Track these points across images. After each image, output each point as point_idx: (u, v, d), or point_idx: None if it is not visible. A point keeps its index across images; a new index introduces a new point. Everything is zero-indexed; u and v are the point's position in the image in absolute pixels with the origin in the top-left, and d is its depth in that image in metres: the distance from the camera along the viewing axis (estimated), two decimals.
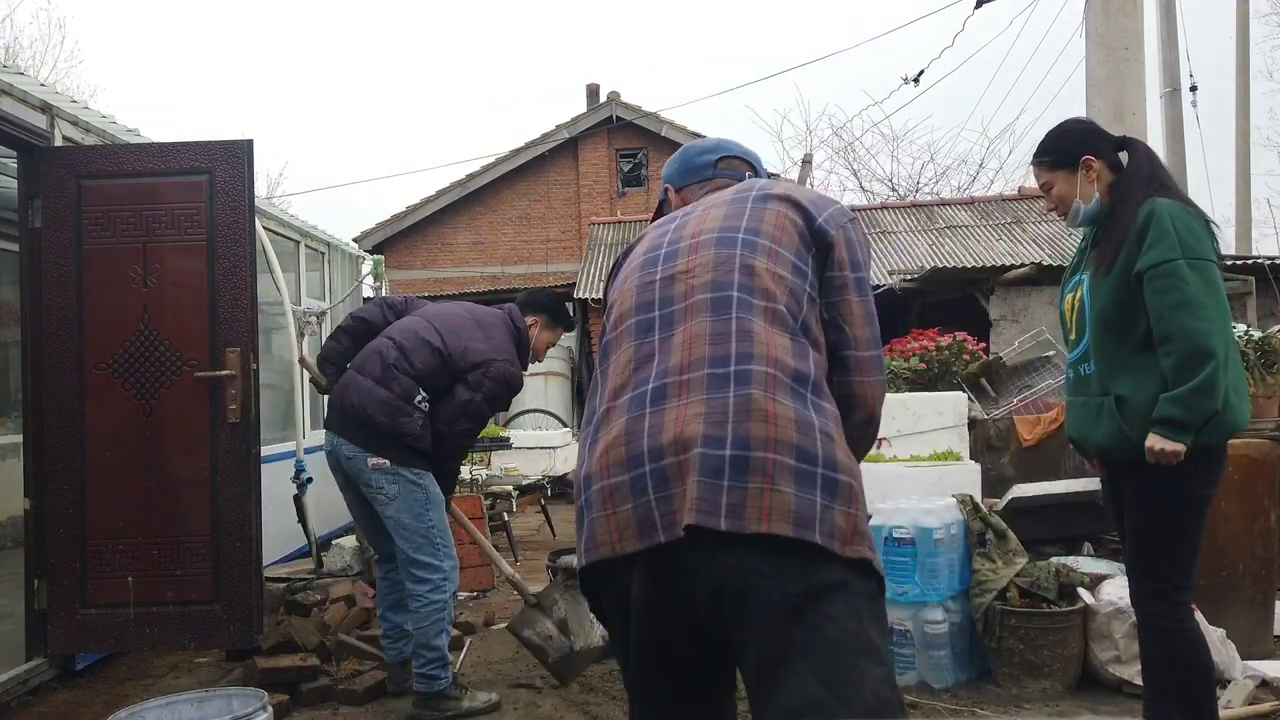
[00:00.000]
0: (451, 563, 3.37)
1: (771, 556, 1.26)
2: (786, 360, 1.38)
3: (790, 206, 1.56)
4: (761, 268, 1.47)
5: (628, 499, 1.35)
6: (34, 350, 3.72)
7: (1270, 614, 3.65)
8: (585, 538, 1.40)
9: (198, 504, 3.67)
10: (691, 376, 1.38)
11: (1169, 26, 12.28)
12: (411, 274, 16.08)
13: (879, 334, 1.57)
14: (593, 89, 17.88)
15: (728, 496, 1.26)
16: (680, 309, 1.48)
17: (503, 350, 3.42)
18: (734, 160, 1.87)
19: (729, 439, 1.30)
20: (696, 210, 1.65)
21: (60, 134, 3.84)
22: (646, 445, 1.35)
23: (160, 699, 2.61)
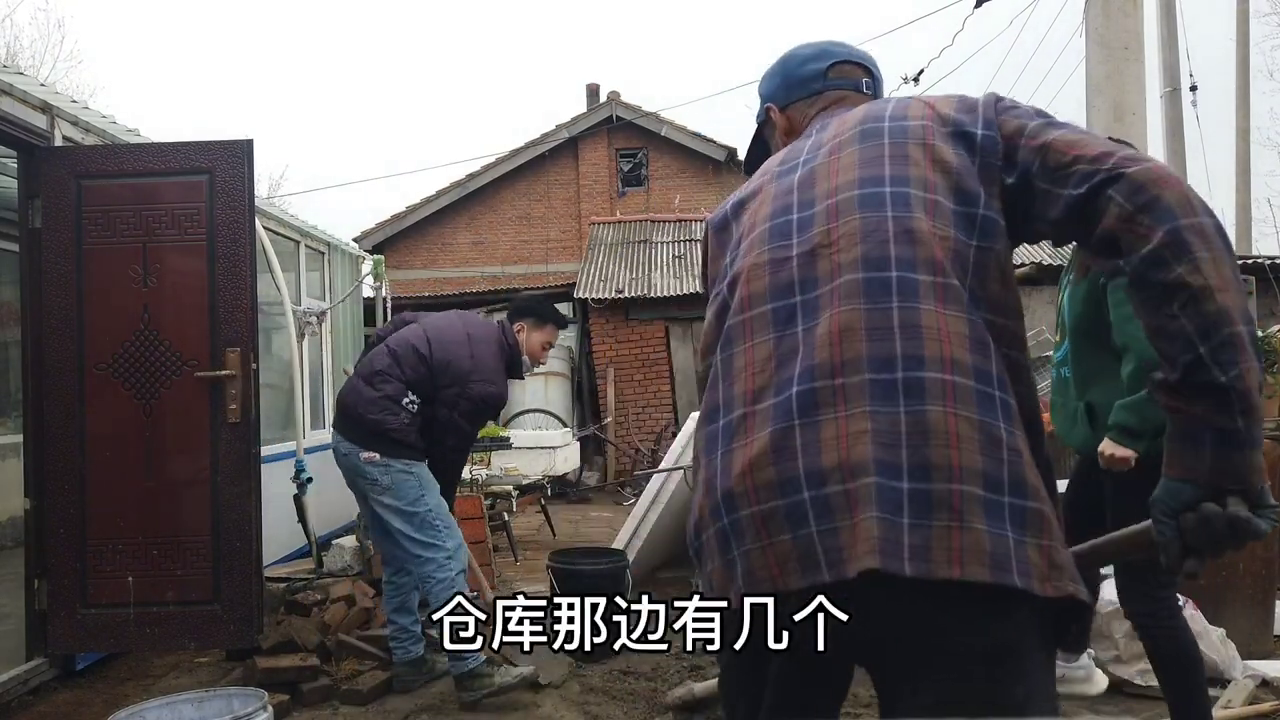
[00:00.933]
0: (455, 541, 3.47)
1: (960, 604, 1.10)
2: (964, 357, 1.16)
3: (938, 131, 1.29)
4: (923, 229, 1.22)
5: (784, 529, 1.17)
6: (34, 350, 3.72)
7: (1270, 614, 3.65)
8: (742, 571, 1.22)
9: (198, 504, 3.67)
10: (848, 381, 1.17)
11: (1169, 26, 12.28)
12: (411, 274, 16.08)
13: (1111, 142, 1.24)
14: (593, 89, 17.88)
15: (910, 536, 1.09)
16: (826, 292, 1.24)
17: (485, 369, 3.52)
18: (846, 66, 1.58)
19: (904, 467, 1.12)
20: (821, 152, 1.37)
21: (60, 134, 3.84)
22: (803, 467, 1.17)
23: (160, 699, 2.61)
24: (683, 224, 13.23)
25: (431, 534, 3.42)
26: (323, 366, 6.83)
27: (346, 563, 4.73)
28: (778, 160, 1.46)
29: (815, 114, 1.54)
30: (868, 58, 1.60)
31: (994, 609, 1.10)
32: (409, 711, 3.37)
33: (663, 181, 16.73)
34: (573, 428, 10.38)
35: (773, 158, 1.51)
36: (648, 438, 10.73)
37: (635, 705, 3.39)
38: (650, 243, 12.63)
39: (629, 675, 3.70)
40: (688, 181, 16.62)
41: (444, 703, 3.46)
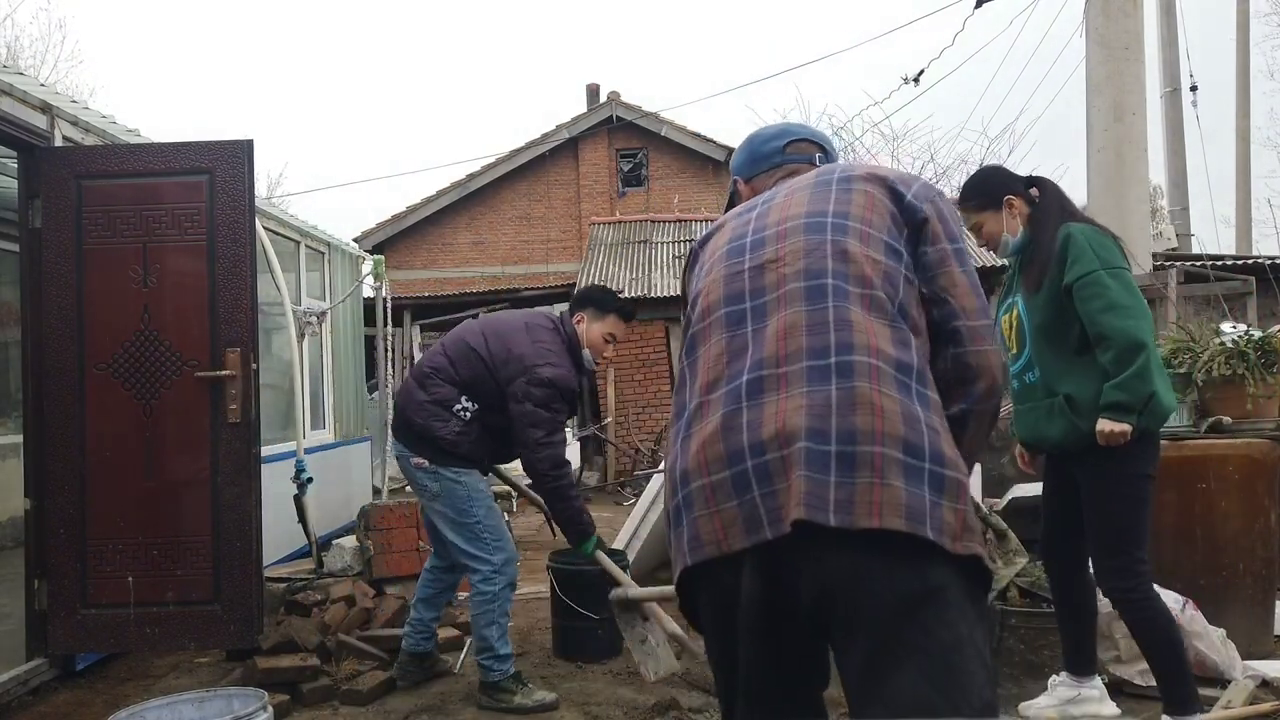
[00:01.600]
0: (504, 556, 3.37)
1: (881, 554, 1.23)
2: (888, 349, 1.34)
3: (877, 186, 1.52)
4: (855, 251, 1.43)
5: (730, 496, 1.31)
6: (34, 350, 3.72)
7: (1270, 614, 3.65)
8: (688, 537, 1.36)
9: (198, 504, 3.67)
10: (790, 369, 1.34)
11: (1169, 26, 12.28)
12: (412, 274, 16.09)
13: (986, 304, 1.51)
14: (593, 89, 17.88)
15: (836, 492, 1.23)
16: (773, 299, 1.43)
17: (547, 354, 3.32)
18: (802, 144, 1.80)
19: (834, 432, 1.26)
20: (778, 196, 1.59)
21: (60, 134, 3.84)
22: (747, 440, 1.32)
23: (161, 699, 2.61)
24: (683, 224, 13.23)
25: (479, 546, 3.35)
26: (323, 367, 6.83)
27: (346, 563, 4.74)
28: (741, 208, 1.68)
29: (774, 183, 1.74)
30: (822, 136, 1.85)
31: (911, 560, 1.23)
32: (409, 711, 3.37)
33: (663, 181, 16.73)
34: (573, 428, 10.39)
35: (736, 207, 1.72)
36: (648, 438, 10.73)
37: (635, 706, 3.39)
38: (650, 243, 12.63)
39: (630, 675, 3.70)
40: (688, 181, 16.63)
41: (444, 703, 3.46)
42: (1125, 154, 5.61)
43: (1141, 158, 5.81)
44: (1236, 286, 9.44)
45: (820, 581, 1.26)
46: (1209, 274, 8.85)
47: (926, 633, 1.22)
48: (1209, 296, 8.00)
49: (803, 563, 1.27)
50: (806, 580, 1.27)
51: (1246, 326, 4.35)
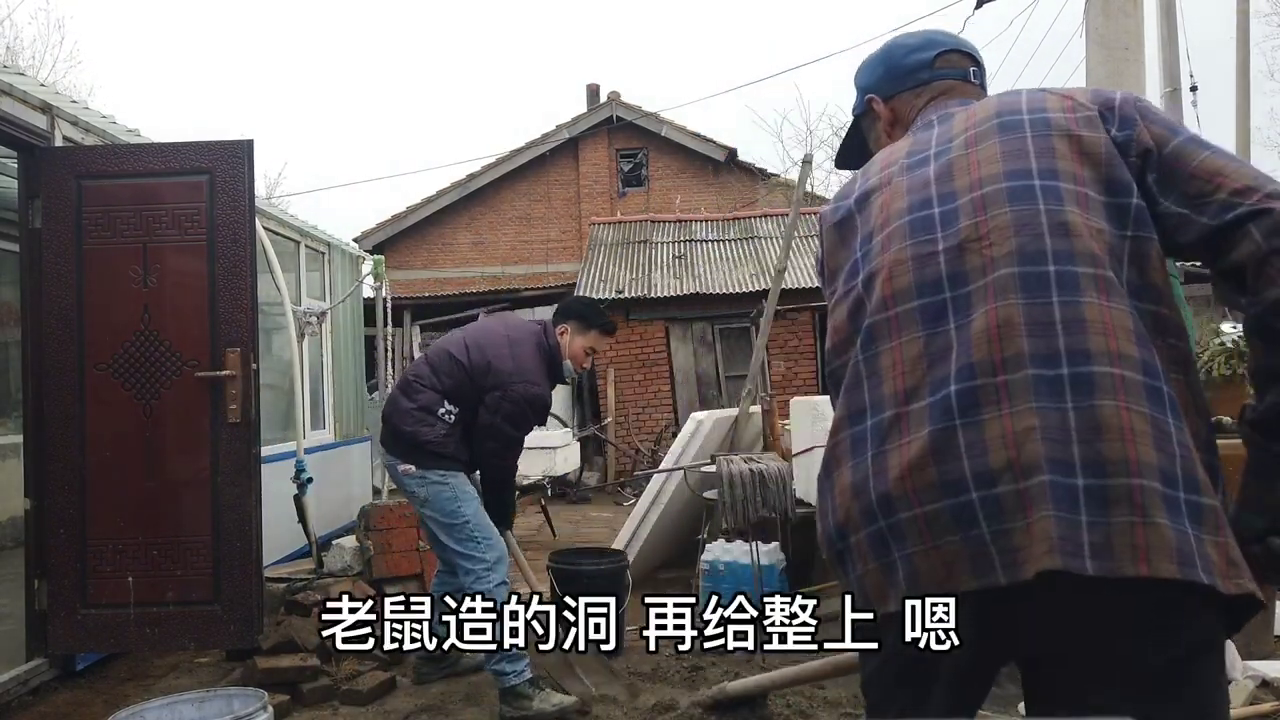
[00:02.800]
0: (495, 553, 3.43)
1: (1137, 605, 1.07)
2: (1130, 350, 1.13)
3: (1080, 124, 1.27)
4: (1078, 222, 1.19)
5: (952, 530, 1.13)
6: (34, 350, 3.72)
7: (1270, 614, 3.65)
8: (905, 574, 1.18)
9: (198, 504, 3.67)
10: (1011, 378, 1.13)
11: (1169, 26, 12.27)
12: (412, 274, 16.09)
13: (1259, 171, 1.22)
14: (593, 89, 17.88)
15: (1089, 534, 1.05)
16: (979, 287, 1.20)
17: (526, 371, 3.43)
18: (953, 55, 1.53)
19: (1077, 463, 1.08)
20: (955, 144, 1.33)
21: (60, 134, 3.84)
22: (969, 468, 1.13)
23: (161, 699, 2.61)
24: (683, 224, 13.23)
25: (470, 546, 3.39)
26: (323, 367, 6.84)
27: (346, 563, 4.73)
28: (903, 152, 1.40)
29: (923, 104, 1.50)
30: (973, 47, 1.56)
31: (1180, 607, 1.07)
32: (409, 711, 3.37)
33: (663, 182, 16.73)
34: (573, 428, 10.39)
35: (893, 149, 1.44)
36: (648, 438, 10.73)
37: (635, 706, 3.39)
38: (650, 243, 12.64)
39: (630, 675, 3.70)
40: (688, 181, 16.63)
41: (444, 702, 3.46)
42: None
43: None
44: None
45: (1062, 630, 1.11)
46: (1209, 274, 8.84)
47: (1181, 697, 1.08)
48: (1209, 296, 7.99)
49: (1038, 611, 1.10)
50: (1040, 630, 1.12)
51: None
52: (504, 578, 3.43)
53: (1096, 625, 1.09)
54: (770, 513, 4.32)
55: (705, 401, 10.68)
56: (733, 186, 16.59)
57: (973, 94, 1.50)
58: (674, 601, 1.58)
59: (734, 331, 11.01)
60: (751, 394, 5.94)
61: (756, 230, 12.72)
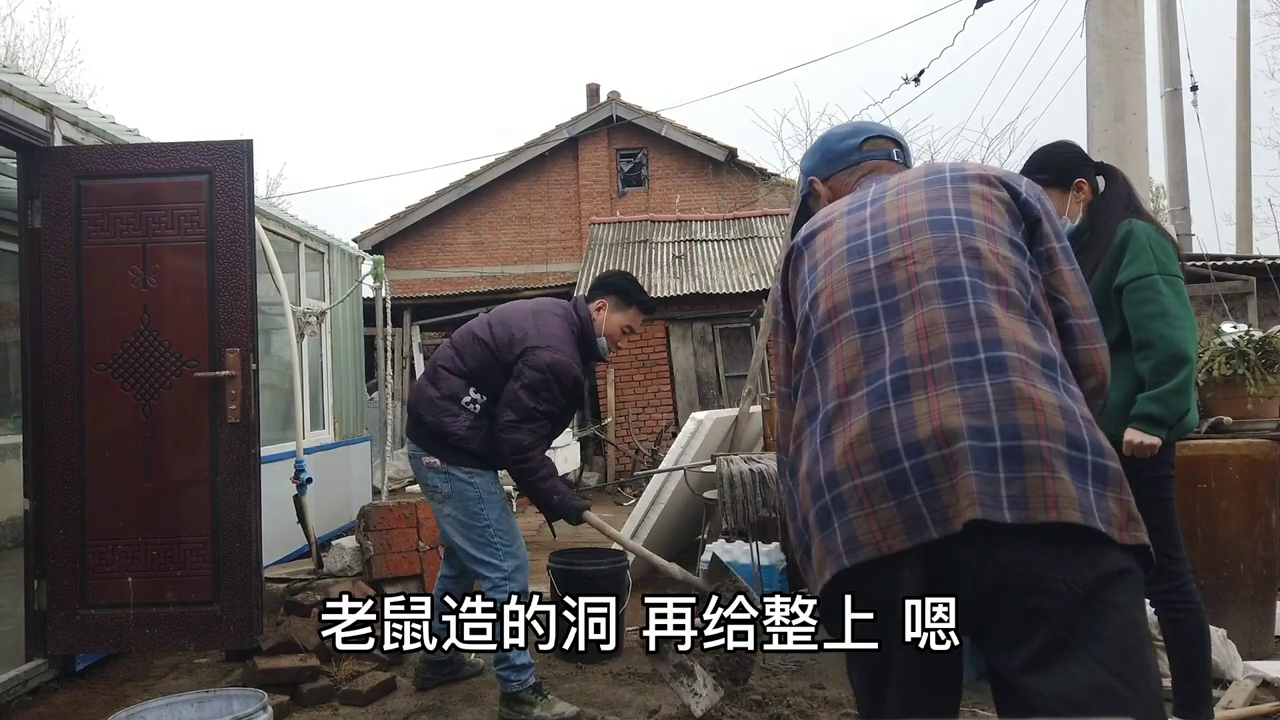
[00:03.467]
0: (514, 561, 3.25)
1: (1054, 548, 1.23)
2: (1032, 344, 1.36)
3: (990, 184, 1.53)
4: (985, 249, 1.44)
5: (887, 496, 1.30)
6: (34, 350, 3.72)
7: (1271, 614, 3.65)
8: (843, 538, 1.33)
9: (198, 504, 3.67)
10: (936, 367, 1.34)
11: (1169, 26, 12.26)
12: (411, 274, 16.08)
13: (1093, 303, 1.54)
14: (593, 89, 17.88)
15: (1007, 489, 1.23)
16: (906, 297, 1.43)
17: (550, 337, 3.19)
18: (878, 140, 1.80)
19: (996, 429, 1.27)
20: (888, 194, 1.59)
21: (60, 134, 3.84)
22: (901, 440, 1.31)
23: (160, 699, 2.60)
24: (683, 224, 13.23)
25: (489, 552, 3.22)
26: (323, 367, 6.83)
27: (346, 563, 4.73)
28: (844, 203, 1.65)
29: (855, 180, 1.75)
30: (896, 132, 1.83)
31: (1083, 550, 1.23)
32: (409, 712, 3.37)
33: (663, 181, 16.72)
34: (573, 428, 10.38)
35: (835, 204, 1.69)
36: (648, 438, 10.73)
37: (635, 706, 3.39)
38: (650, 243, 12.63)
39: (630, 675, 3.69)
40: (688, 181, 16.62)
41: (444, 703, 3.46)
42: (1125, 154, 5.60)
43: (1142, 157, 5.81)
44: (1237, 286, 9.43)
45: (990, 577, 1.25)
46: (1209, 274, 8.84)
47: (1102, 620, 1.22)
48: (1209, 296, 7.99)
49: (970, 560, 1.26)
50: (975, 577, 1.27)
51: (1247, 326, 4.35)
52: (523, 586, 3.27)
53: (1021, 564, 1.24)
54: (770, 513, 4.32)
55: (705, 401, 10.68)
56: (733, 186, 16.58)
57: (897, 170, 1.76)
58: (674, 601, 1.58)
59: (734, 331, 11.01)
60: (751, 394, 5.94)
61: (756, 230, 12.71)
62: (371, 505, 4.87)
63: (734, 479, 4.35)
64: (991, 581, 1.25)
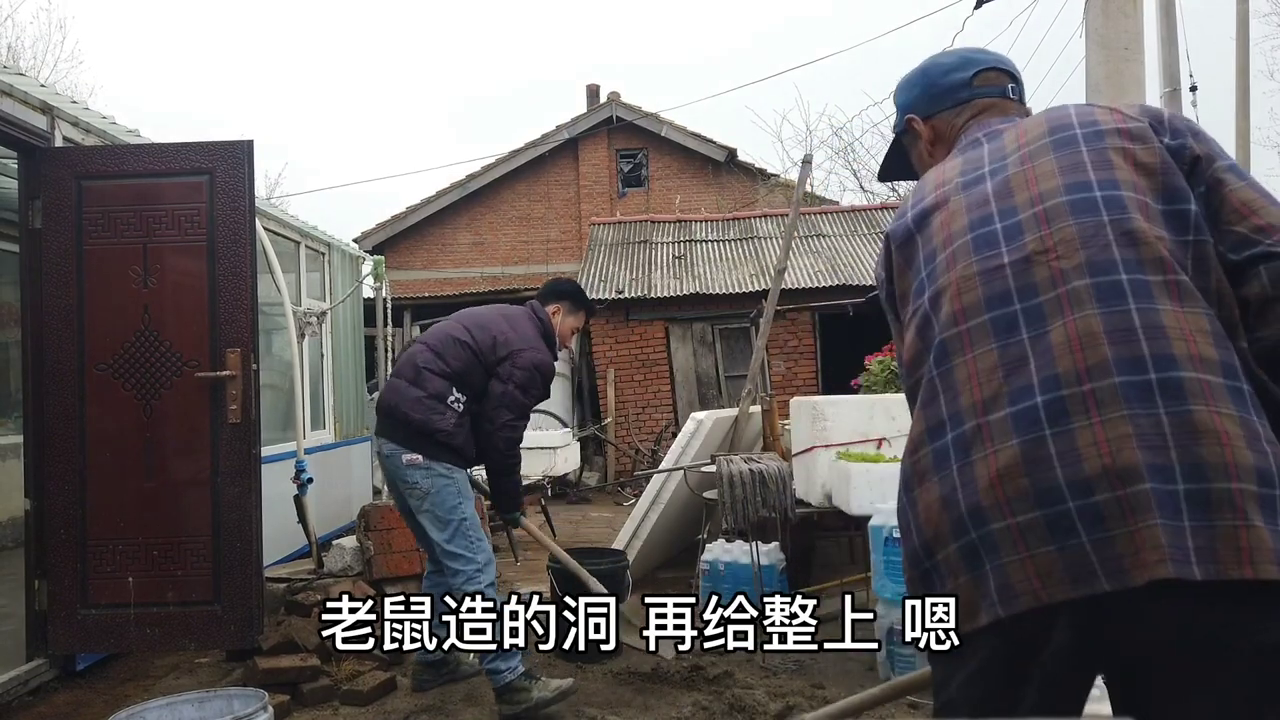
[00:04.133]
0: (485, 555, 3.41)
1: (1241, 606, 1.08)
2: (1210, 352, 1.15)
3: (1135, 139, 1.30)
4: (1143, 231, 1.21)
5: (1046, 540, 1.13)
6: (34, 351, 3.72)
7: None
8: (996, 585, 1.16)
9: (198, 504, 3.67)
10: (1096, 386, 1.15)
11: (1169, 26, 12.27)
12: (411, 274, 16.09)
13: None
14: (593, 89, 17.89)
15: (1194, 539, 1.07)
16: (1050, 299, 1.22)
17: (529, 339, 3.50)
18: (991, 73, 1.55)
19: (1177, 469, 1.10)
20: (1010, 160, 1.36)
21: (61, 135, 3.84)
22: (1063, 477, 1.13)
23: (161, 699, 2.61)
24: (683, 224, 13.23)
25: (464, 545, 3.36)
26: (323, 367, 6.84)
27: (347, 563, 4.74)
28: (956, 171, 1.43)
29: (964, 122, 1.53)
30: (1011, 63, 1.59)
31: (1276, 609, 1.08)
32: (409, 712, 3.38)
33: (663, 182, 16.74)
34: (573, 428, 10.39)
35: (944, 168, 1.47)
36: (648, 438, 10.73)
37: (635, 705, 3.39)
38: (650, 243, 12.64)
39: (630, 675, 3.70)
40: (688, 182, 16.63)
41: (444, 703, 3.46)
42: None
43: None
44: None
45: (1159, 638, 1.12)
46: None
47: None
48: None
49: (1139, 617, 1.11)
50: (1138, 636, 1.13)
51: None
52: (493, 578, 3.41)
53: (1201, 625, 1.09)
54: (770, 513, 4.32)
55: (705, 401, 10.69)
56: (733, 186, 16.59)
57: (1013, 110, 1.53)
58: (674, 601, 1.59)
59: (734, 331, 11.01)
60: (751, 394, 5.94)
61: (756, 230, 12.72)
62: (372, 505, 4.88)
63: (734, 479, 4.35)
64: (1163, 641, 1.12)
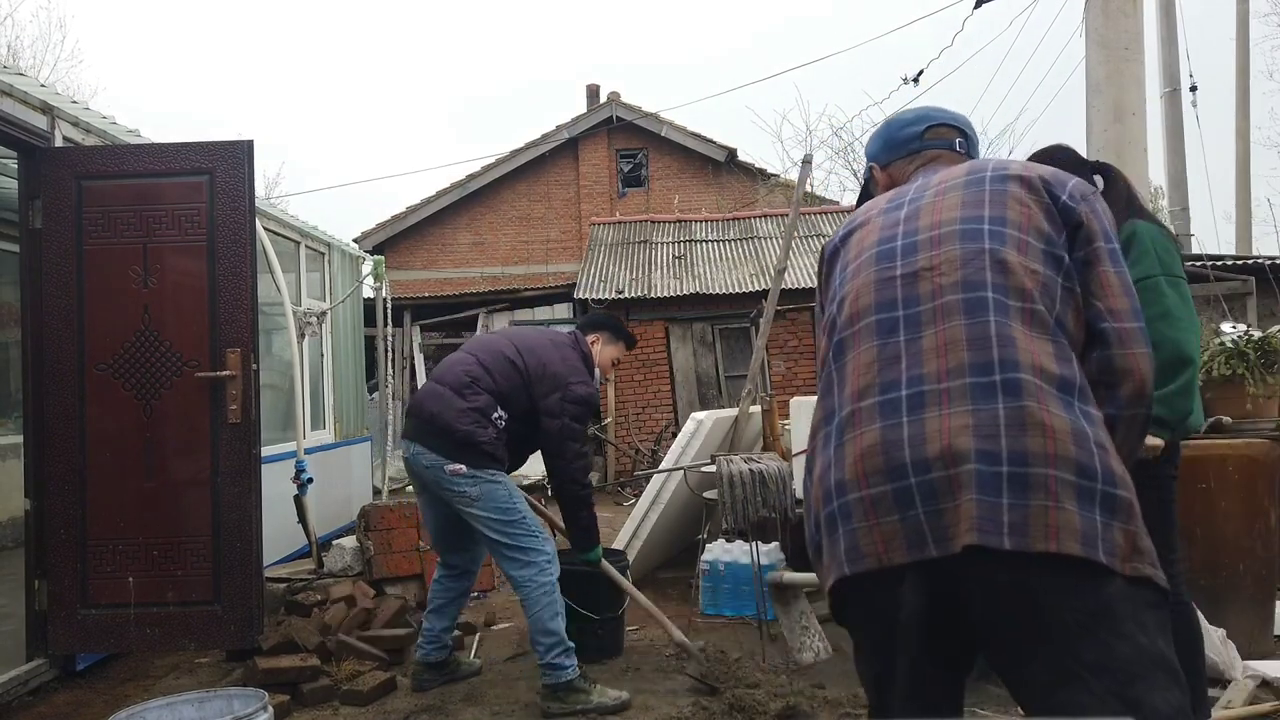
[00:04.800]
0: (551, 547, 3.41)
1: (1054, 575, 1.24)
2: (1051, 367, 1.34)
3: (1032, 187, 1.48)
4: (1014, 262, 1.40)
5: (893, 510, 1.32)
6: (34, 351, 3.72)
7: (1270, 614, 3.65)
8: (845, 547, 1.37)
9: (198, 504, 3.67)
10: (951, 385, 1.34)
11: (1169, 26, 12.28)
12: (412, 274, 16.09)
13: (1140, 306, 1.47)
14: (593, 89, 17.89)
15: (1009, 515, 1.24)
16: (928, 310, 1.42)
17: (577, 371, 3.51)
18: (941, 129, 1.75)
19: (1004, 454, 1.27)
20: (926, 195, 1.56)
21: (61, 135, 3.84)
22: (910, 456, 1.33)
23: (161, 699, 2.61)
24: (683, 224, 13.22)
25: (528, 540, 3.35)
26: (323, 367, 6.84)
27: (347, 563, 4.74)
28: (885, 199, 1.63)
29: (914, 170, 1.72)
30: (963, 120, 1.78)
31: (1084, 580, 1.24)
32: (409, 711, 3.37)
33: (663, 182, 16.73)
34: None
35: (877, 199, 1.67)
36: (648, 438, 10.73)
37: (635, 705, 3.39)
38: (650, 243, 12.63)
39: (630, 675, 3.70)
40: (688, 182, 16.63)
41: (444, 703, 3.46)
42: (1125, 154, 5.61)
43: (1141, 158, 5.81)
44: (1236, 286, 9.44)
45: (990, 601, 1.28)
46: (1209, 274, 8.85)
47: (1107, 650, 1.23)
48: (1209, 296, 7.99)
49: (971, 581, 1.28)
50: (975, 598, 1.29)
51: (1246, 326, 4.35)
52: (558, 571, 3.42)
53: (1021, 590, 1.25)
54: (770, 513, 4.32)
55: (705, 401, 10.68)
56: (733, 186, 16.59)
57: (958, 162, 1.70)
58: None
59: (734, 331, 11.01)
60: (751, 394, 5.94)
61: (756, 230, 12.71)
62: (372, 505, 4.88)
63: (734, 479, 4.35)
64: (993, 604, 1.28)
